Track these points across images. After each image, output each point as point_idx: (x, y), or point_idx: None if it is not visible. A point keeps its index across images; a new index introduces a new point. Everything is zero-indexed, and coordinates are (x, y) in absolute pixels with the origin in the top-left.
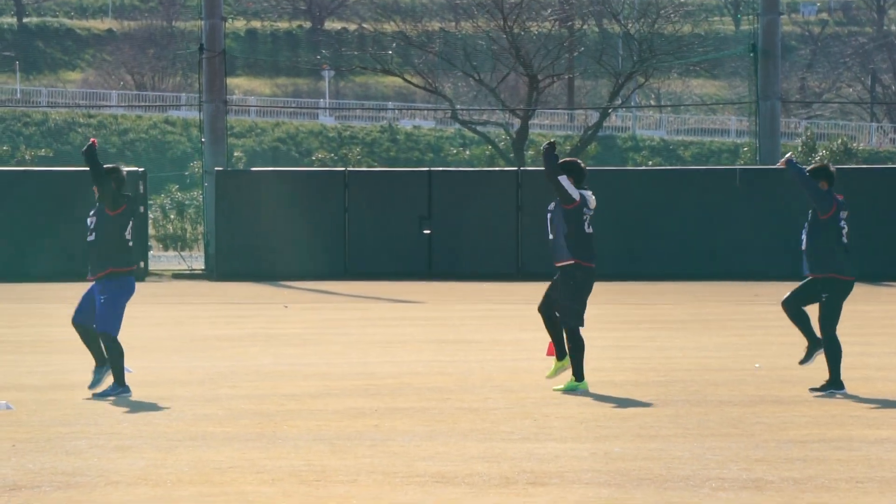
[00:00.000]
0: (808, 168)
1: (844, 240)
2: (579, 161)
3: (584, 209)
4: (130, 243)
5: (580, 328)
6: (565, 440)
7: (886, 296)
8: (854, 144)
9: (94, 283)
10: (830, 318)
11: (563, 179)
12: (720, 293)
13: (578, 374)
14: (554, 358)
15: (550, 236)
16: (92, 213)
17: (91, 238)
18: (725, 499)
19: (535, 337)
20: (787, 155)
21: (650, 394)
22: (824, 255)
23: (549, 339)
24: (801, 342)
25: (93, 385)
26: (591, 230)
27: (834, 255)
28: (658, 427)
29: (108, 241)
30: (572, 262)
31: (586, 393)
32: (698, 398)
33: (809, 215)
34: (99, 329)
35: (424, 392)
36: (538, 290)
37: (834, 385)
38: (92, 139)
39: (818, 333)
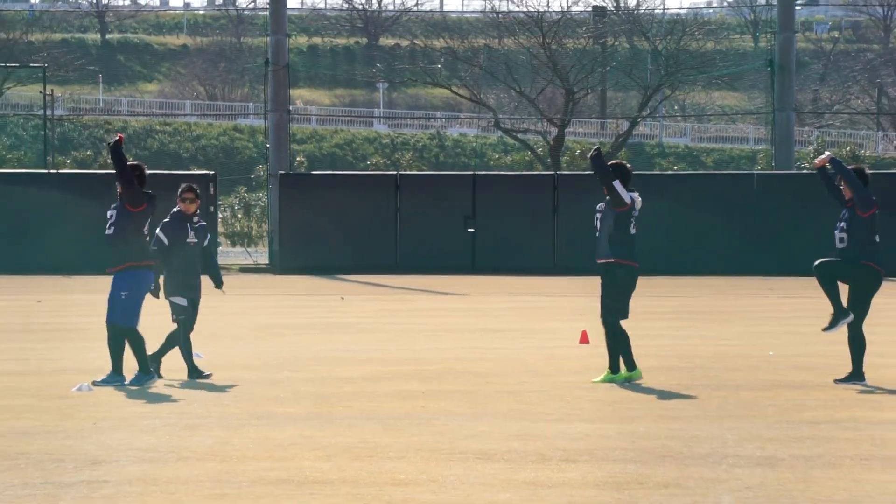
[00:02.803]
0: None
1: (878, 238)
2: (626, 164)
3: (632, 212)
4: (148, 238)
5: (621, 321)
6: (594, 421)
7: (890, 289)
8: (862, 152)
9: (112, 276)
10: (859, 309)
11: (617, 184)
12: (738, 287)
13: (630, 364)
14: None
15: (598, 234)
16: (112, 207)
17: (109, 232)
18: (741, 475)
19: (569, 326)
20: (827, 153)
21: (672, 378)
22: (863, 250)
23: (582, 329)
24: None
25: (100, 382)
26: (634, 231)
27: (870, 249)
28: (679, 409)
29: (126, 236)
30: (612, 260)
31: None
32: (717, 383)
33: (846, 214)
34: (122, 324)
35: (467, 376)
36: (573, 283)
37: (857, 376)
38: (119, 135)
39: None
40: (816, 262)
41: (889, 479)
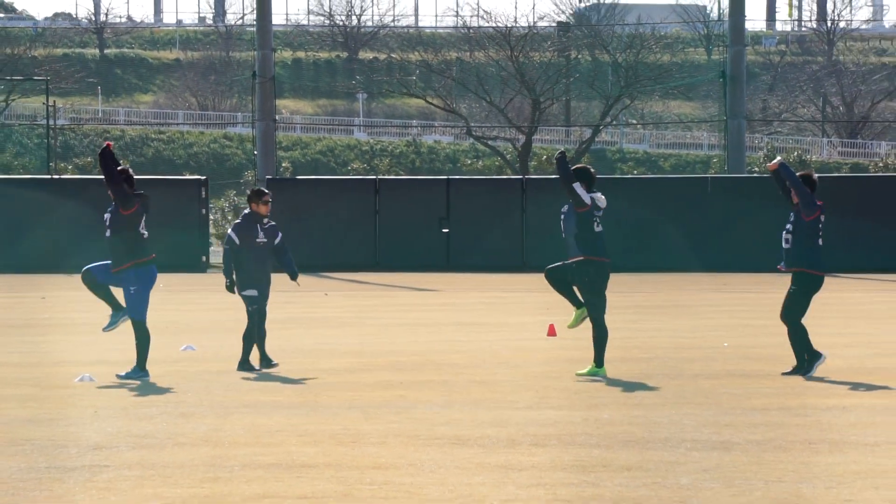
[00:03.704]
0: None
1: (820, 241)
2: (590, 167)
3: (595, 211)
4: (146, 235)
5: (603, 317)
6: (562, 408)
7: (833, 285)
8: (808, 157)
9: (114, 272)
10: (796, 308)
11: (577, 186)
12: (694, 282)
13: (599, 361)
14: (573, 309)
15: (563, 235)
16: (108, 210)
17: (108, 235)
18: (698, 458)
19: (538, 320)
20: (778, 158)
21: (634, 369)
22: (803, 252)
23: (550, 322)
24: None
25: (107, 327)
26: (599, 229)
27: (810, 252)
28: (641, 397)
29: (124, 237)
30: (582, 258)
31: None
32: (675, 372)
33: (792, 216)
34: (132, 317)
35: (443, 367)
36: (540, 280)
37: (802, 368)
38: (107, 142)
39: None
40: (780, 314)
41: (835, 461)
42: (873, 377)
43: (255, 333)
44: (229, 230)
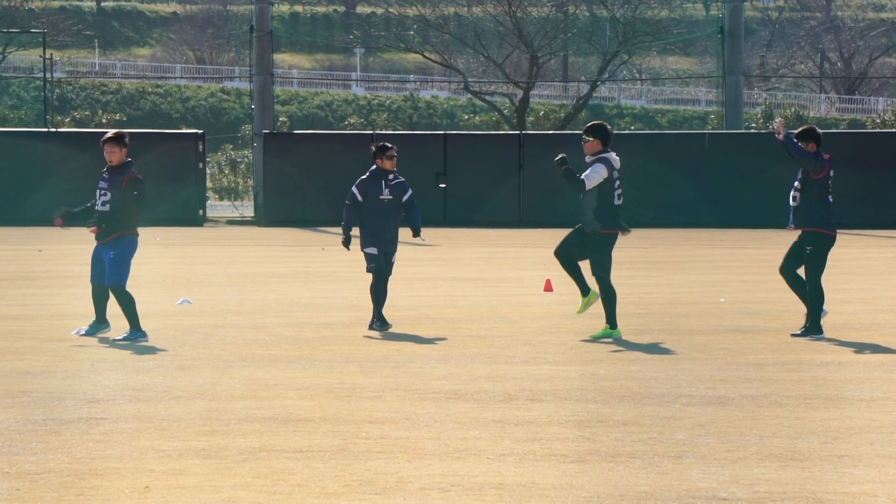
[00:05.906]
0: (798, 130)
1: (830, 198)
2: (606, 124)
3: (614, 176)
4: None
5: (609, 277)
6: (558, 363)
7: (838, 241)
8: (805, 112)
9: (100, 243)
10: (815, 269)
11: (590, 176)
12: (690, 238)
13: (612, 322)
14: (580, 296)
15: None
16: (104, 184)
17: (105, 208)
18: (694, 413)
19: (534, 275)
20: (779, 122)
21: (630, 324)
22: (813, 211)
23: (546, 277)
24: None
25: (85, 332)
26: (620, 202)
27: (821, 211)
28: (637, 352)
29: (123, 212)
30: (599, 230)
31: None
32: (671, 328)
33: (800, 174)
34: (109, 282)
35: (439, 322)
36: (537, 235)
37: (814, 330)
38: (57, 219)
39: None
40: (780, 268)
41: (830, 417)
42: (870, 333)
43: (381, 288)
44: (353, 187)
